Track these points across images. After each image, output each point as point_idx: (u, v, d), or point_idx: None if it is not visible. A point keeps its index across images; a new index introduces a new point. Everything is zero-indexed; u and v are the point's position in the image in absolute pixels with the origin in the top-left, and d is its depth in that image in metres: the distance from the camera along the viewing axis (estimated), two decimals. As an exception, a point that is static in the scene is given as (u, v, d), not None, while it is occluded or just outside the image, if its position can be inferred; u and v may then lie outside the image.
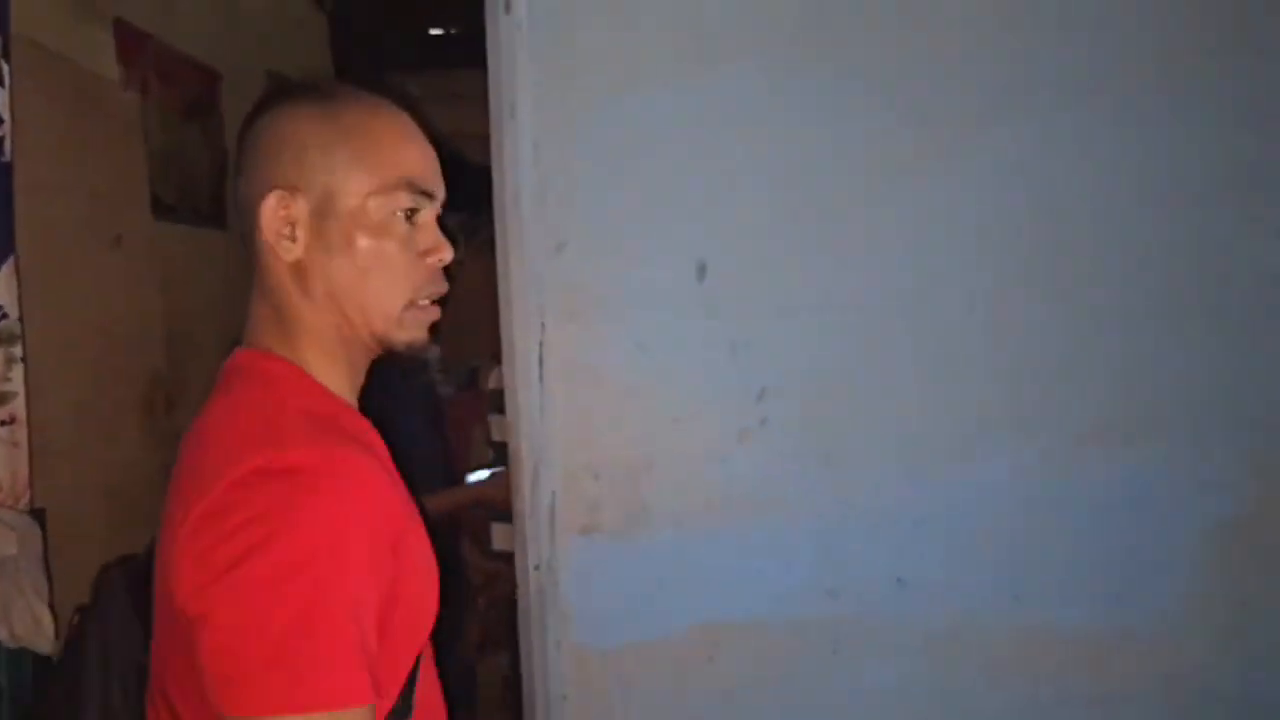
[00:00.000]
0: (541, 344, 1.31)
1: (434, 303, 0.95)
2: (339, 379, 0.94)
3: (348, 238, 0.90)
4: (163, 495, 0.86)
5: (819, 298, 1.31)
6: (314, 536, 0.80)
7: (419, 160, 0.94)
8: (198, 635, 0.78)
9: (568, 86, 1.27)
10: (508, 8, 1.26)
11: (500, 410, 2.04)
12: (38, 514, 1.25)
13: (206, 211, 2.80)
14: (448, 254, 0.94)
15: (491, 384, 2.16)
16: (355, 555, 0.81)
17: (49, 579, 1.20)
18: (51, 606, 1.18)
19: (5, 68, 1.23)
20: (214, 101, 2.89)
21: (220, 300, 2.65)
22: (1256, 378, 1.29)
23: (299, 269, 0.91)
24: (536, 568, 1.34)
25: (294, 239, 0.91)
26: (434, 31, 4.40)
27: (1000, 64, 1.27)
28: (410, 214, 0.92)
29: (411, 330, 0.94)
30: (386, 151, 0.92)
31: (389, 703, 0.86)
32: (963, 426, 1.32)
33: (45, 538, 1.23)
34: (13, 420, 1.26)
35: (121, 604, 1.21)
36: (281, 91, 0.94)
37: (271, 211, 0.90)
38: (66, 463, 1.43)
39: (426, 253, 0.93)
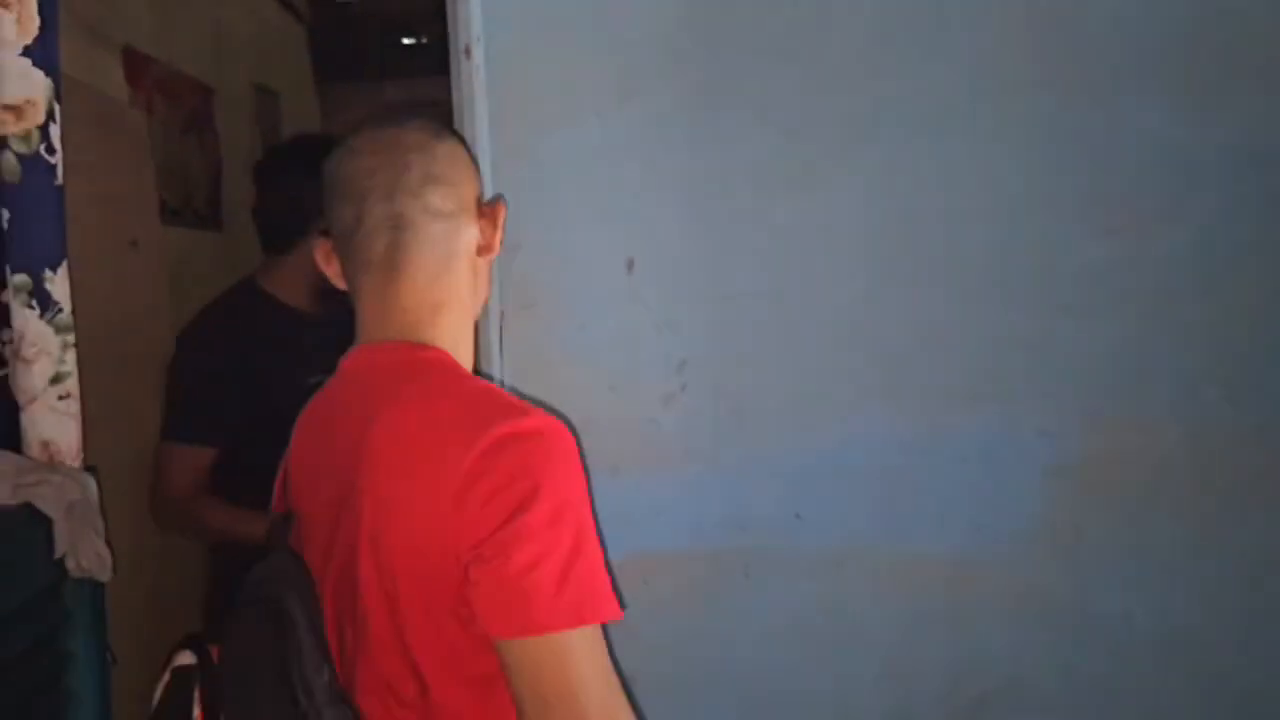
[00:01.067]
0: (501, 328, 1.60)
1: None
2: (470, 365, 1.15)
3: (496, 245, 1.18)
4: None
5: (726, 287, 1.60)
6: (570, 482, 0.97)
7: None
8: (486, 576, 0.92)
9: (518, 118, 1.56)
10: (468, 54, 1.55)
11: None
12: (90, 470, 1.52)
13: (205, 215, 3.06)
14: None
15: None
16: (586, 497, 0.99)
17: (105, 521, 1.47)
18: (108, 543, 1.46)
19: (57, 108, 1.50)
20: (209, 115, 3.16)
21: (217, 292, 2.92)
22: (1083, 349, 1.59)
23: (480, 267, 1.16)
24: (500, 511, 1.63)
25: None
26: (406, 41, 4.65)
27: (866, 95, 1.56)
28: None
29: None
30: None
31: None
32: (845, 391, 1.61)
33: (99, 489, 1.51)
34: (69, 395, 1.53)
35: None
36: (434, 128, 1.16)
37: (503, 217, 1.16)
38: (106, 430, 1.71)
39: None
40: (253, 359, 1.96)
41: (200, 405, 1.96)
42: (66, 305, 1.51)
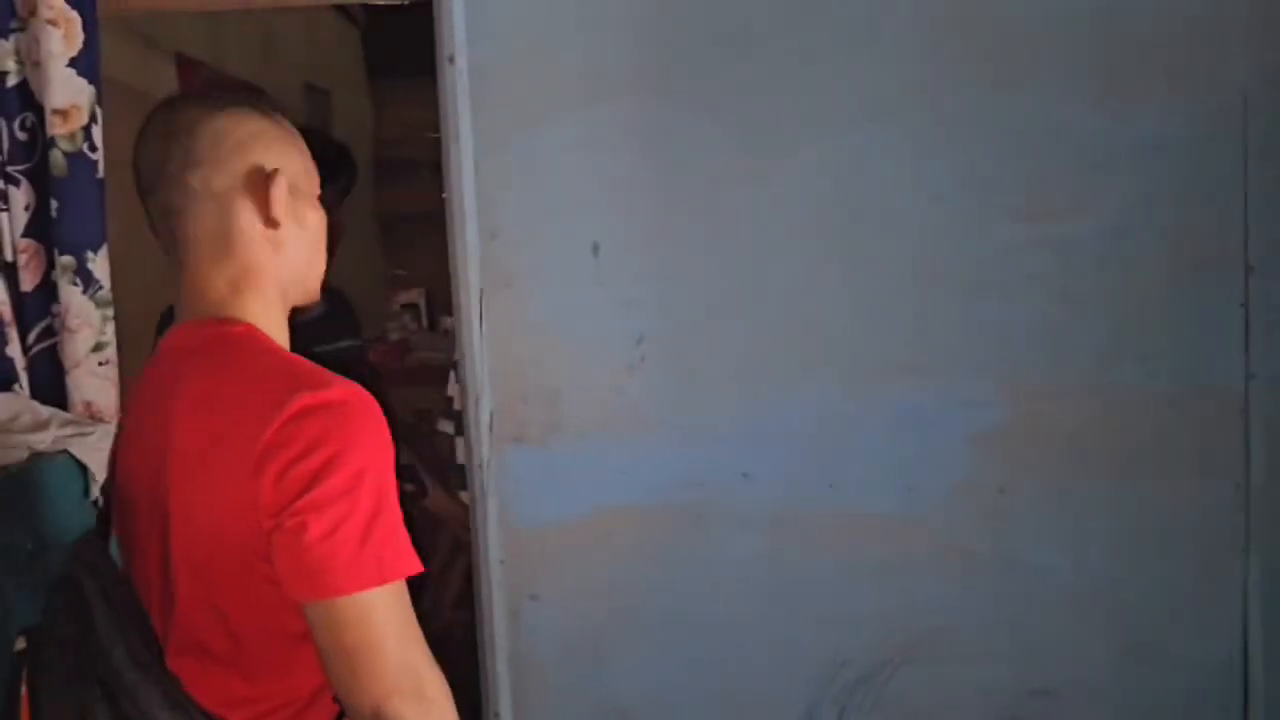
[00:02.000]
0: (481, 306, 1.80)
1: None
2: (283, 337, 1.13)
3: (303, 214, 1.12)
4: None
5: (681, 269, 1.78)
6: (370, 449, 0.98)
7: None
8: (287, 544, 0.95)
9: (496, 119, 1.76)
10: (452, 60, 1.75)
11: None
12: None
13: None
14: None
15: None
16: (390, 462, 1.01)
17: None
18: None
19: (99, 111, 1.74)
20: (257, 113, 3.42)
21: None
22: (1004, 326, 1.74)
23: (275, 239, 1.09)
24: (480, 467, 1.83)
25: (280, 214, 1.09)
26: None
27: (806, 95, 1.73)
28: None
29: (319, 289, 1.19)
30: (304, 147, 1.15)
31: None
32: (788, 363, 1.78)
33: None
34: (108, 362, 1.78)
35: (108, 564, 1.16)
36: (222, 98, 1.12)
37: (280, 189, 1.08)
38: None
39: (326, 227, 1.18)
40: None
41: None
42: (106, 283, 1.76)
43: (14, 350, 1.74)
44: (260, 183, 1.09)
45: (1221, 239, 1.72)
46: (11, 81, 1.71)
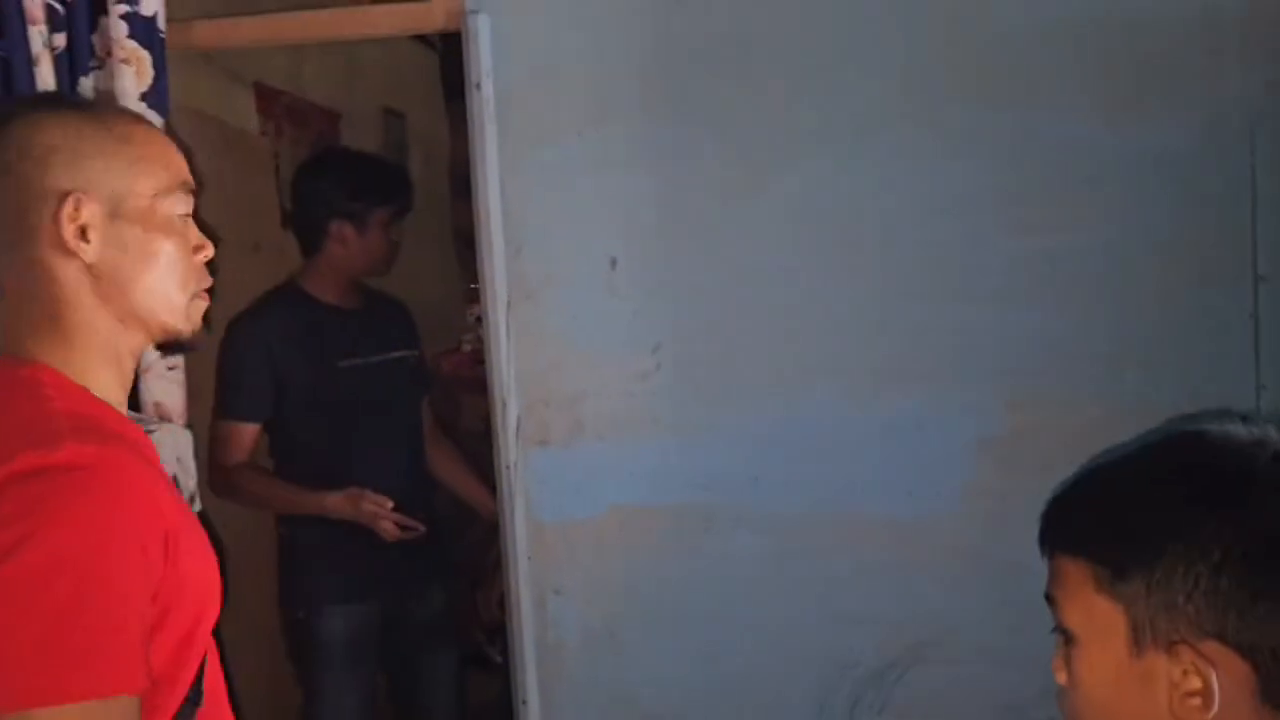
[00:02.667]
0: (507, 315, 1.92)
1: (205, 293, 1.02)
2: (109, 380, 0.96)
3: (140, 238, 0.95)
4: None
5: (693, 281, 1.87)
6: (78, 534, 0.81)
7: (183, 164, 1.00)
8: None
9: (519, 139, 1.88)
10: (478, 87, 1.88)
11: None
12: (189, 428, 1.95)
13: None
14: (210, 250, 1.02)
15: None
16: (124, 551, 0.83)
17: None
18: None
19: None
20: (335, 136, 3.64)
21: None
22: (1005, 336, 1.78)
23: (94, 271, 0.94)
24: (508, 467, 1.95)
25: (88, 240, 0.93)
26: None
27: (810, 111, 1.80)
28: (184, 214, 0.98)
29: (194, 320, 1.01)
30: (160, 156, 0.98)
31: (182, 691, 0.91)
32: (795, 371, 1.85)
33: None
34: (176, 367, 1.96)
35: None
36: (30, 102, 1.02)
37: (69, 215, 0.92)
38: (207, 400, 2.15)
39: (198, 248, 1.00)
40: (282, 347, 2.22)
41: (241, 386, 2.21)
42: (173, 295, 1.94)
43: (92, 356, 1.93)
44: (55, 210, 0.93)
45: (1229, 249, 1.73)
46: (92, 114, 1.90)
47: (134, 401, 1.95)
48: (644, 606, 1.92)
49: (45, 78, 1.86)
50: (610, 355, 1.90)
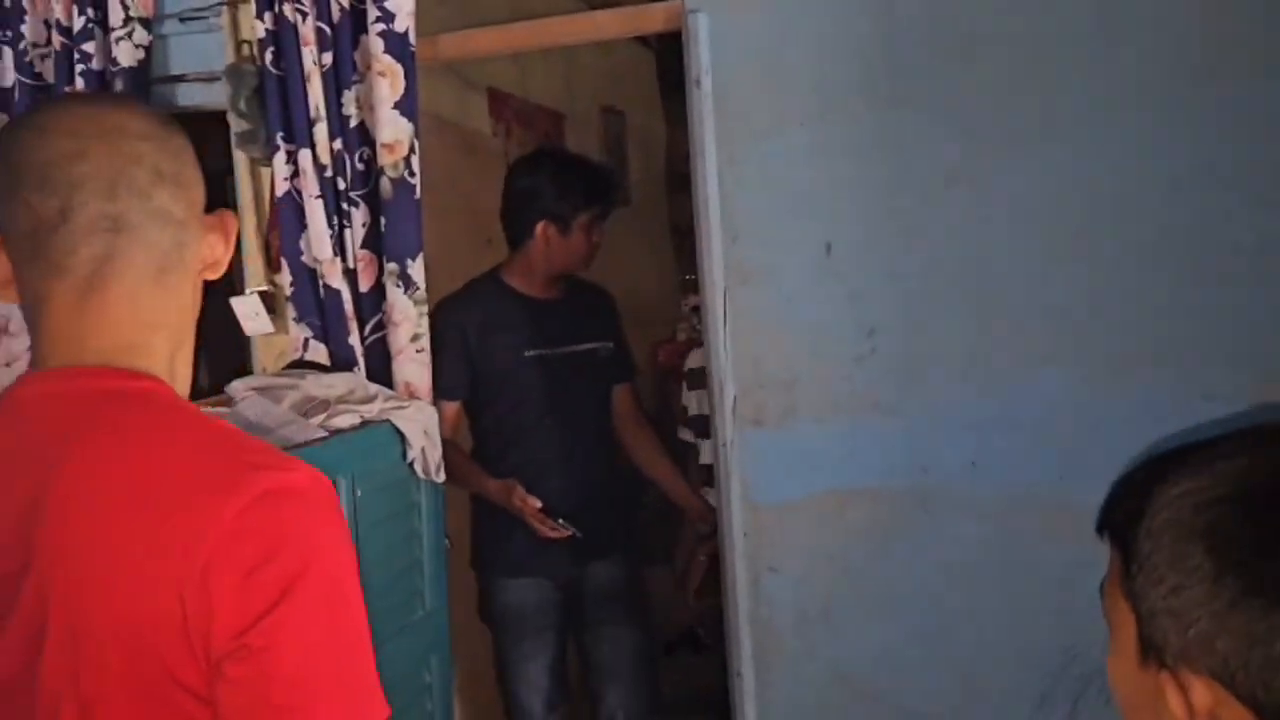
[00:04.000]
0: (725, 302, 2.00)
1: None
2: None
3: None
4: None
5: (910, 265, 1.88)
6: (338, 558, 0.81)
7: None
8: (249, 675, 0.75)
9: (737, 131, 1.95)
10: (698, 84, 1.96)
11: (698, 387, 2.71)
12: (435, 405, 2.14)
13: (554, 219, 3.73)
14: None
15: (689, 364, 2.81)
16: (356, 571, 0.83)
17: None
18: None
19: (416, 143, 2.12)
20: (560, 136, 3.83)
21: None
22: (1245, 318, 1.69)
23: (198, 288, 0.93)
24: (724, 447, 2.03)
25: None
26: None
27: (1036, 95, 1.77)
28: None
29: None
30: None
31: None
32: (1016, 355, 1.83)
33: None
34: (423, 350, 2.15)
35: None
36: (159, 115, 0.94)
37: (232, 229, 0.93)
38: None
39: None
40: (476, 333, 2.34)
41: (440, 366, 2.25)
42: (422, 285, 2.13)
43: (354, 340, 2.15)
44: (216, 221, 0.93)
45: None
46: (353, 123, 2.12)
47: (387, 380, 2.16)
48: (858, 587, 1.95)
49: (315, 92, 2.10)
50: (825, 339, 1.94)
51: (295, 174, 2.12)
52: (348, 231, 2.14)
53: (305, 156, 2.09)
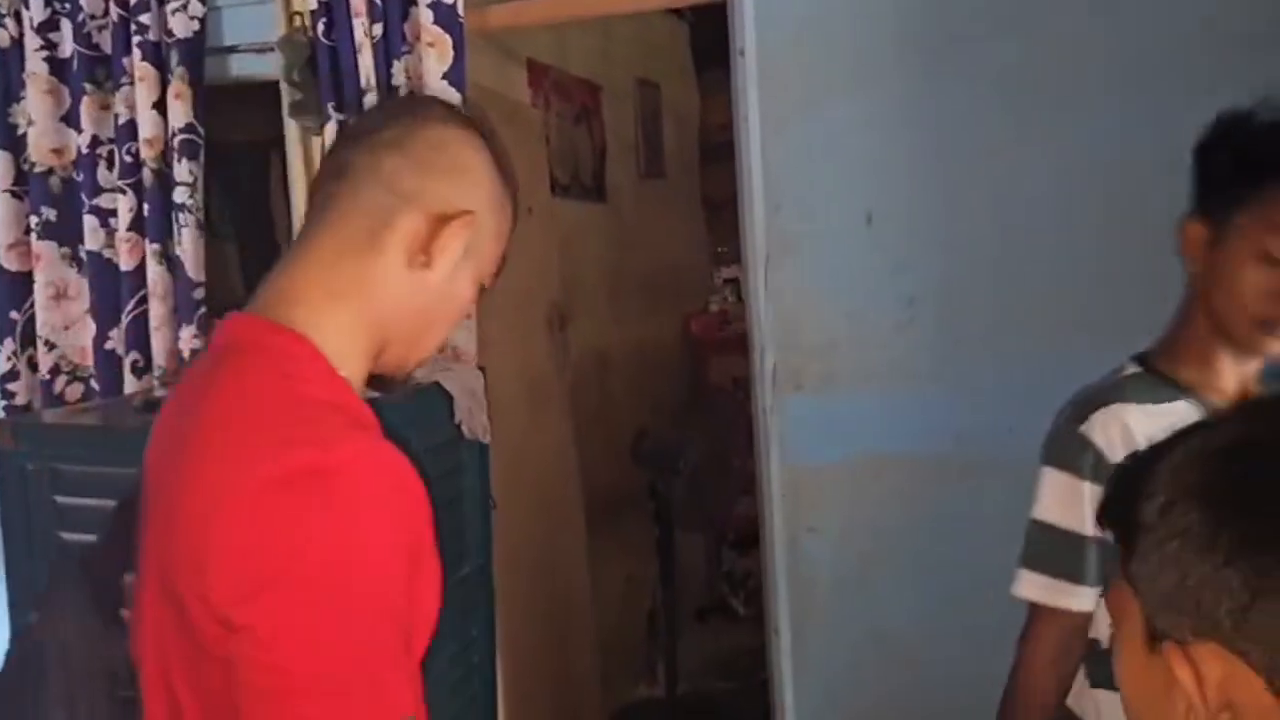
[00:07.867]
0: (766, 270, 2.04)
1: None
2: (360, 367, 0.91)
3: (457, 276, 0.98)
4: (553, 385, 1.25)
5: (950, 235, 1.91)
6: (355, 545, 0.77)
7: None
8: (238, 646, 0.75)
9: (780, 102, 1.98)
10: (742, 54, 2.00)
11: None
12: (481, 369, 2.19)
13: (590, 189, 3.78)
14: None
15: None
16: (395, 562, 0.80)
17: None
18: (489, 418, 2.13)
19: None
20: (597, 106, 3.86)
21: (598, 252, 3.63)
22: None
23: (416, 282, 0.93)
24: (764, 411, 2.07)
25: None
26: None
27: (1074, 64, 1.79)
28: None
29: (414, 368, 1.02)
30: (510, 214, 1.09)
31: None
32: (1051, 324, 1.86)
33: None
34: (470, 317, 2.21)
35: (77, 599, 1.12)
36: (472, 120, 1.02)
37: (460, 234, 0.95)
38: (497, 345, 2.39)
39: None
40: None
41: None
42: (468, 252, 2.19)
43: (401, 306, 2.21)
44: (441, 221, 0.93)
45: None
46: (403, 93, 2.17)
47: (435, 347, 2.22)
48: (896, 549, 2.00)
49: (366, 63, 2.14)
50: (865, 307, 1.98)
51: (347, 143, 2.17)
52: (398, 201, 2.18)
53: (356, 126, 2.14)
